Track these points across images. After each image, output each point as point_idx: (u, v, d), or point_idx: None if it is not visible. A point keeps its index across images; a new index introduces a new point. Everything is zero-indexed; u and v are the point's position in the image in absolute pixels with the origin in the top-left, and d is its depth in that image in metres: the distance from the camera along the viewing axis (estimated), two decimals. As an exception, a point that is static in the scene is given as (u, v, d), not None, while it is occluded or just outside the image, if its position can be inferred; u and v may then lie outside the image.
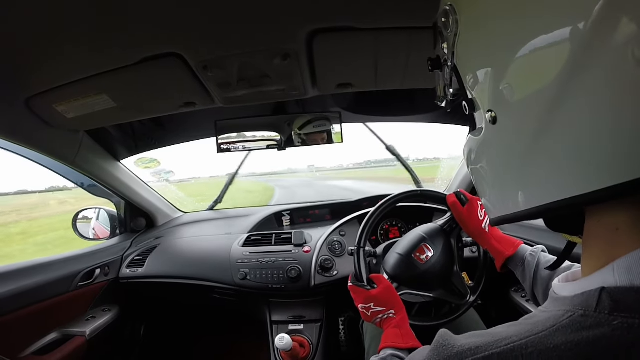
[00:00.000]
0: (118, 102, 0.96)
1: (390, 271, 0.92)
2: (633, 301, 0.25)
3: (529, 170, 0.31)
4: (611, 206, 0.29)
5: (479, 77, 0.36)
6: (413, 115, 1.47)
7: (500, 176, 0.37)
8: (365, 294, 0.78)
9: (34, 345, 1.10)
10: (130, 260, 1.46)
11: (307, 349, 1.16)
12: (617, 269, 0.26)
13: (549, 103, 0.27)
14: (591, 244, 0.31)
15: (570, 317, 0.27)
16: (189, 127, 1.49)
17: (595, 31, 0.23)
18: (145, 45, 0.75)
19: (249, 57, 0.81)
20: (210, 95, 0.97)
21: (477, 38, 0.35)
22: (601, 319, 0.25)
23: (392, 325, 0.73)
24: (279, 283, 1.24)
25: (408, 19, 0.72)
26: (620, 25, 0.21)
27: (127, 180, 1.48)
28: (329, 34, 0.75)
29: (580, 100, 0.25)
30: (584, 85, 0.24)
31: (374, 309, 0.76)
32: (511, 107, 0.31)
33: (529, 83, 0.29)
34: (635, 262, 0.26)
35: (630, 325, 0.24)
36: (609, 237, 0.29)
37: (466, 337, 0.33)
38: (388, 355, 0.65)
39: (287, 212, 1.70)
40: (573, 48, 0.24)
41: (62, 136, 1.12)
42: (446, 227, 0.96)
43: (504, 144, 0.34)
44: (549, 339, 0.26)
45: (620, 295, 0.25)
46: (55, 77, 0.84)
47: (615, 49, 0.22)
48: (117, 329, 1.39)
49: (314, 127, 1.25)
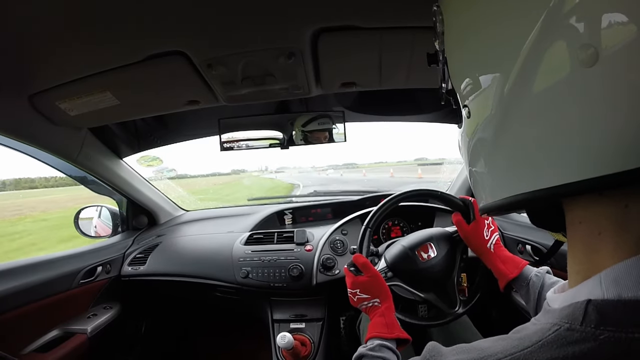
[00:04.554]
0: (121, 99, 0.96)
1: (390, 259, 0.93)
2: (620, 315, 0.24)
3: (499, 162, 0.33)
4: (591, 207, 0.28)
5: (455, 72, 0.39)
6: (416, 114, 1.47)
7: (478, 167, 0.38)
8: (353, 279, 0.79)
9: (35, 343, 1.10)
10: (132, 258, 1.46)
11: (308, 347, 1.16)
12: (604, 280, 0.26)
13: (507, 98, 0.29)
14: (575, 247, 0.31)
15: (556, 332, 0.26)
16: (192, 125, 1.49)
17: (542, 34, 0.25)
18: (149, 43, 0.74)
19: (254, 55, 0.81)
20: (214, 93, 0.97)
21: (452, 36, 0.38)
22: (587, 333, 0.24)
23: (378, 314, 0.73)
24: (280, 281, 1.24)
25: (412, 19, 0.71)
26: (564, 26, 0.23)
27: (129, 178, 1.48)
28: (334, 33, 0.75)
29: (537, 97, 0.26)
30: (534, 83, 0.26)
31: (360, 295, 0.77)
32: (477, 101, 0.34)
33: (488, 78, 0.31)
34: (623, 273, 0.25)
35: (617, 339, 0.23)
36: (592, 242, 0.28)
37: (454, 353, 0.33)
38: (376, 345, 0.65)
39: (289, 210, 1.70)
40: (525, 45, 0.26)
41: (65, 134, 1.12)
42: (455, 236, 0.96)
43: (476, 137, 0.36)
44: (534, 355, 0.26)
45: (607, 308, 0.25)
46: (58, 74, 0.84)
47: (564, 45, 0.24)
48: (118, 326, 1.39)
49: (318, 125, 1.25)
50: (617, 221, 0.26)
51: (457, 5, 0.36)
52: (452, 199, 0.96)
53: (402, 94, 1.32)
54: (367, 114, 1.46)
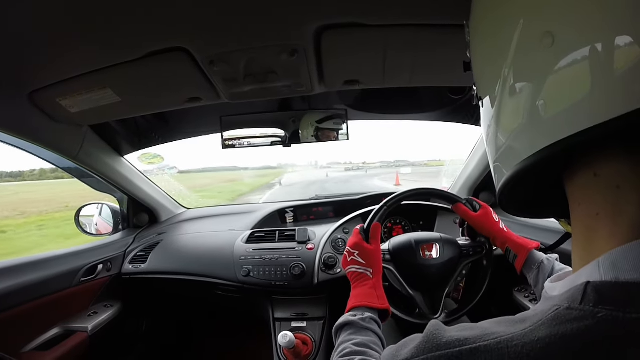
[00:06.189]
0: (122, 96, 0.95)
1: (393, 246, 0.96)
2: (618, 295, 0.25)
3: (501, 137, 0.38)
4: (587, 187, 0.30)
5: (476, 68, 0.44)
6: (418, 113, 1.47)
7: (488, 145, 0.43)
8: (358, 241, 0.81)
9: (35, 341, 1.10)
10: (132, 256, 1.46)
11: (309, 346, 1.15)
12: (602, 264, 0.27)
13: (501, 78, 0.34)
14: (577, 230, 0.32)
15: (555, 311, 0.27)
16: (193, 123, 1.49)
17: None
18: (151, 40, 0.74)
19: (256, 52, 0.80)
20: (216, 90, 0.96)
21: (474, 44, 0.43)
22: (586, 311, 0.25)
23: (369, 286, 0.74)
24: (282, 280, 1.24)
25: (417, 17, 0.71)
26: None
27: (130, 176, 1.47)
28: (337, 30, 0.74)
29: (517, 82, 0.32)
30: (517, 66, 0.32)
31: (356, 258, 0.78)
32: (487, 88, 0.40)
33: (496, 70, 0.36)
34: (620, 258, 0.26)
35: (615, 318, 0.24)
36: (591, 224, 0.30)
37: (457, 330, 0.34)
38: (367, 316, 0.64)
39: (290, 209, 1.70)
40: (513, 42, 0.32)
41: (65, 131, 1.12)
42: (463, 250, 0.97)
43: (494, 118, 0.39)
44: (534, 333, 0.27)
45: (605, 289, 0.26)
46: (59, 71, 0.83)
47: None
48: (119, 325, 1.39)
49: (334, 124, 1.26)
50: (611, 201, 0.28)
51: (478, 27, 0.42)
52: (454, 197, 0.97)
53: (404, 93, 1.32)
54: (369, 112, 1.46)
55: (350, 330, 0.62)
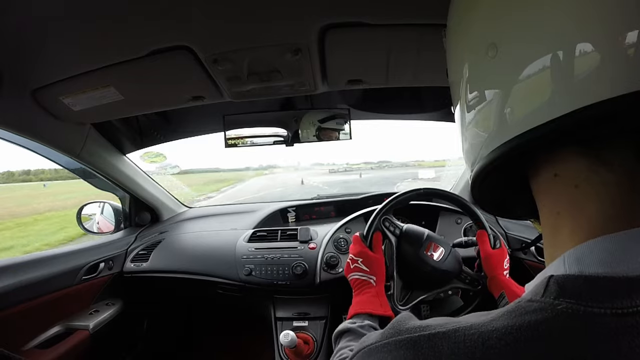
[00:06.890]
0: (125, 95, 0.95)
1: (406, 229, 0.96)
2: (580, 288, 0.24)
3: (464, 139, 0.41)
4: (549, 189, 0.31)
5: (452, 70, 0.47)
6: (420, 113, 1.46)
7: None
8: (362, 249, 0.81)
9: (37, 339, 1.10)
10: (134, 254, 1.46)
11: (311, 346, 1.15)
12: (567, 259, 0.27)
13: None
14: (545, 230, 0.33)
15: (517, 304, 0.27)
16: (195, 121, 1.49)
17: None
18: (154, 38, 0.73)
19: (260, 51, 0.80)
20: (220, 89, 0.96)
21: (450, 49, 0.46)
22: (546, 303, 0.25)
23: (371, 293, 0.74)
24: (284, 279, 1.24)
25: (421, 16, 0.70)
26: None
27: (132, 175, 1.47)
28: (341, 29, 0.74)
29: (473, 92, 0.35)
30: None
31: (359, 265, 0.79)
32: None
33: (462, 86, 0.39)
34: (586, 252, 0.26)
35: (575, 311, 0.23)
36: (555, 223, 0.30)
37: (426, 320, 0.34)
38: (366, 324, 0.65)
39: (292, 208, 1.70)
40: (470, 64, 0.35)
41: (68, 129, 1.11)
42: (462, 274, 0.95)
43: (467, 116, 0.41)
44: (492, 323, 0.27)
45: (568, 282, 0.25)
46: (62, 68, 0.83)
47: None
48: (120, 323, 1.39)
49: (336, 124, 1.26)
50: (571, 200, 0.29)
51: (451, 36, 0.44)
52: (481, 220, 0.96)
53: (406, 93, 1.32)
54: (371, 112, 1.45)
55: (349, 337, 0.64)
